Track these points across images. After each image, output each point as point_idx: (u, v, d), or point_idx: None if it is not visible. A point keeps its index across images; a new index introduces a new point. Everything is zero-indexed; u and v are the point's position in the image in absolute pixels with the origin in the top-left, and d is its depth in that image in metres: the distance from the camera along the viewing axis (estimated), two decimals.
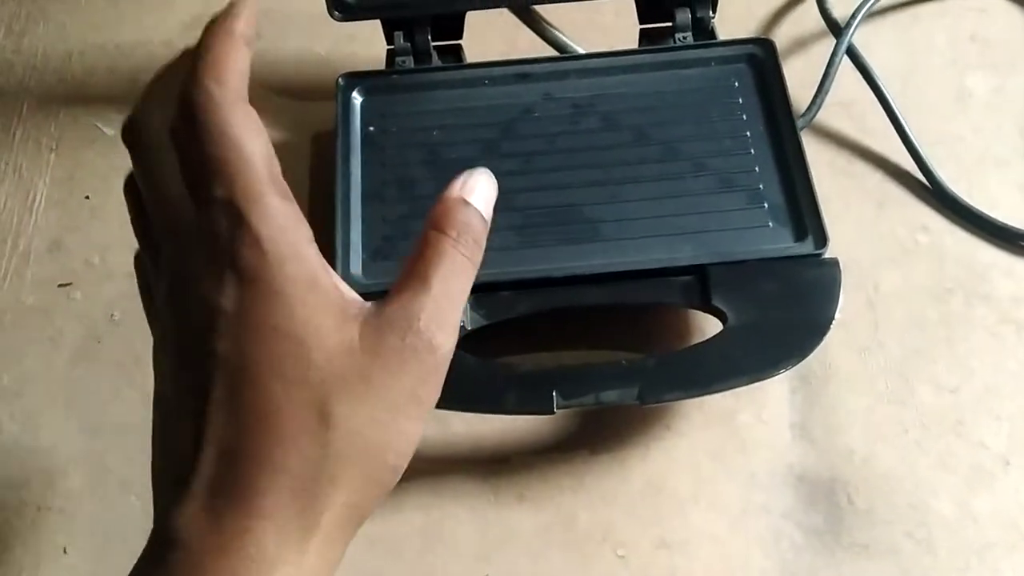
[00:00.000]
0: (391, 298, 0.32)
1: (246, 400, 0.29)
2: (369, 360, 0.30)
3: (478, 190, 0.34)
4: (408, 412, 0.31)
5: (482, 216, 0.34)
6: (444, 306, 0.32)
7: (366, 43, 0.55)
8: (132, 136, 0.33)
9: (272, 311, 0.30)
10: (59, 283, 0.52)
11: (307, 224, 0.31)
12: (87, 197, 0.55)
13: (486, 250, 0.46)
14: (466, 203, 0.34)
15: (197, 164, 0.30)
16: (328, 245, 0.47)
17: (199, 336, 0.30)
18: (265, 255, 0.29)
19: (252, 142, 0.30)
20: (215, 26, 0.31)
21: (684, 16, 0.54)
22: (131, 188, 0.34)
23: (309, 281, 0.30)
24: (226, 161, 0.29)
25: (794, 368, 0.44)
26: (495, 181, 0.35)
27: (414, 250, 0.33)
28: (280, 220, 0.30)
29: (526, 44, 0.56)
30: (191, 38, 0.64)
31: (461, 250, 0.33)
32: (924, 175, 0.54)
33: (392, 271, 0.47)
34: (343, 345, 0.30)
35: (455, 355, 0.43)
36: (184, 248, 0.31)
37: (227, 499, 0.29)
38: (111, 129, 0.58)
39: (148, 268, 0.35)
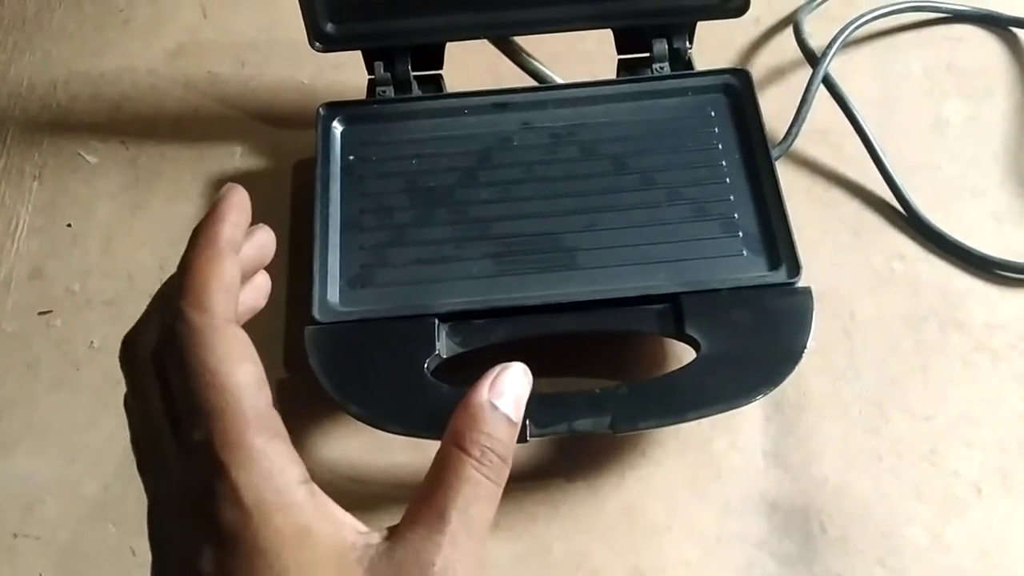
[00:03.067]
0: (403, 535, 0.28)
1: None
2: None
3: (508, 390, 0.31)
4: None
5: (511, 422, 0.31)
6: (463, 545, 0.28)
7: (350, 71, 0.56)
8: (124, 358, 0.31)
9: (258, 575, 0.26)
10: (39, 311, 0.52)
11: (298, 463, 0.28)
12: (69, 225, 0.55)
13: (463, 279, 0.48)
14: (494, 408, 0.30)
15: (178, 400, 0.28)
16: (306, 272, 0.47)
17: None
18: (246, 509, 0.26)
19: (235, 375, 0.27)
20: (198, 236, 0.30)
21: (661, 47, 0.54)
22: (127, 405, 0.32)
23: (300, 533, 0.27)
24: (205, 399, 0.27)
25: (768, 395, 0.44)
26: (530, 376, 0.32)
27: (431, 469, 0.29)
28: (264, 465, 0.27)
29: (507, 73, 0.56)
30: (176, 67, 0.65)
31: (485, 472, 0.29)
32: (900, 203, 0.54)
33: (370, 299, 0.47)
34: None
35: (429, 384, 0.44)
36: (166, 491, 0.29)
37: None
38: (94, 157, 0.58)
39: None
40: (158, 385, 0.29)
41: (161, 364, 0.29)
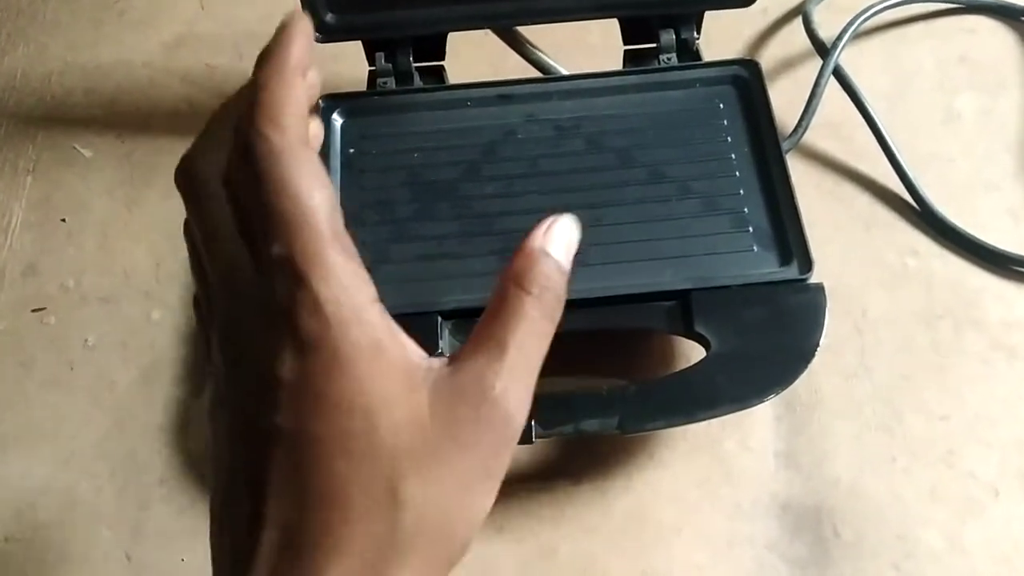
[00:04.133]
0: (464, 361, 0.30)
1: (308, 479, 0.28)
2: (440, 432, 0.28)
3: (559, 239, 0.33)
4: (479, 488, 0.29)
5: (563, 268, 0.32)
6: (521, 373, 0.30)
7: (350, 62, 0.55)
8: (185, 182, 0.31)
9: (335, 381, 0.28)
10: (33, 308, 0.51)
11: (371, 283, 0.29)
12: (63, 220, 0.54)
13: (467, 275, 0.47)
14: (547, 254, 0.32)
15: (254, 219, 0.28)
16: None
17: (256, 408, 0.28)
18: (326, 320, 0.27)
19: (314, 194, 0.28)
20: (267, 58, 0.29)
21: (668, 37, 0.53)
22: (189, 231, 0.32)
23: (374, 347, 0.28)
24: (285, 216, 0.27)
25: (779, 395, 0.43)
26: (579, 226, 0.33)
27: (491, 304, 0.31)
28: (343, 280, 0.28)
29: (510, 65, 0.55)
30: (173, 59, 0.64)
31: (541, 309, 0.31)
32: (913, 197, 0.53)
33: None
34: (412, 416, 0.28)
35: None
36: (241, 308, 0.29)
37: None
38: (89, 151, 0.57)
39: (205, 316, 0.32)
40: (231, 208, 0.29)
41: (234, 189, 0.29)
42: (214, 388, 0.30)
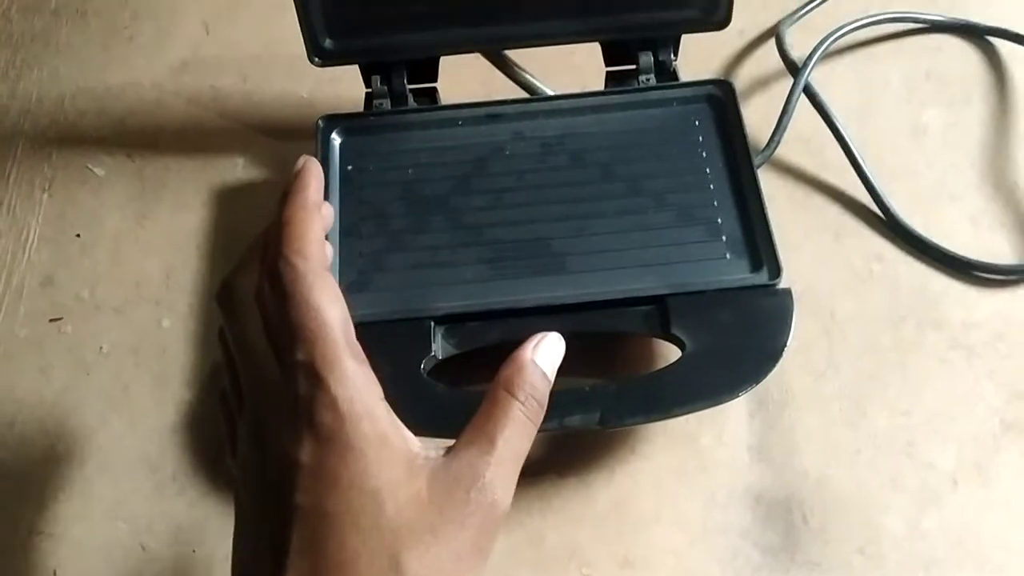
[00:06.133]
0: (459, 453, 0.35)
1: (323, 549, 0.32)
2: (437, 512, 0.33)
3: (546, 353, 0.38)
4: (469, 562, 0.33)
5: (547, 378, 0.38)
6: (507, 466, 0.35)
7: (347, 84, 0.58)
8: (224, 298, 0.37)
9: (348, 466, 0.32)
10: (50, 318, 0.54)
11: (378, 384, 0.34)
12: (78, 235, 0.57)
13: (458, 283, 0.50)
14: (535, 364, 0.37)
15: (282, 329, 0.34)
16: None
17: (279, 489, 0.33)
18: (341, 415, 0.33)
19: (331, 310, 0.34)
20: (291, 199, 0.36)
21: (647, 59, 0.56)
22: (223, 338, 0.39)
23: (381, 439, 0.33)
24: (307, 328, 0.33)
25: (752, 392, 0.46)
26: (563, 344, 0.39)
27: (484, 404, 0.36)
28: (356, 382, 0.33)
29: (499, 85, 0.58)
30: (180, 82, 0.67)
31: (526, 413, 0.36)
32: (879, 207, 0.56)
33: (368, 303, 0.49)
34: (412, 497, 0.33)
35: (426, 383, 0.46)
36: (267, 403, 0.35)
37: None
38: (101, 170, 0.60)
39: (233, 408, 0.38)
40: (259, 318, 0.35)
41: (261, 301, 0.34)
42: (241, 476, 0.36)
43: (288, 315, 0.33)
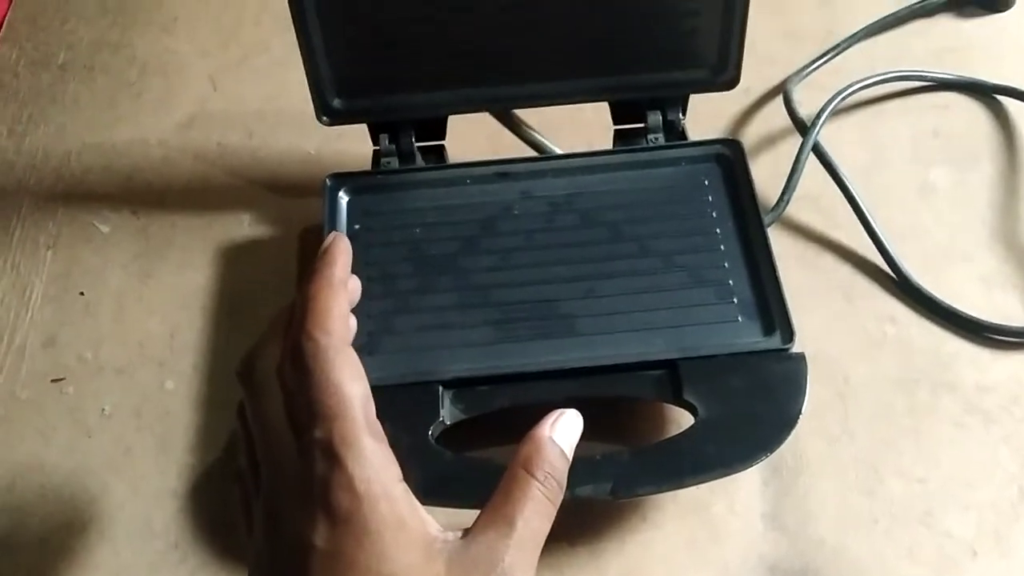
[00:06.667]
0: (477, 535, 0.34)
1: None
2: None
3: (564, 431, 0.37)
4: None
5: (566, 456, 0.37)
6: (527, 548, 0.34)
7: (354, 140, 0.58)
8: (246, 373, 0.37)
9: (364, 550, 0.32)
10: (52, 378, 0.54)
11: (396, 464, 0.34)
12: (82, 293, 0.57)
13: (466, 345, 0.49)
14: (553, 442, 0.36)
15: (302, 405, 0.33)
16: None
17: (293, 573, 0.32)
18: (358, 497, 0.32)
19: (352, 387, 0.33)
20: (317, 275, 0.36)
21: (656, 118, 0.56)
22: (242, 413, 0.38)
23: (399, 521, 0.32)
24: (327, 406, 0.32)
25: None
26: (581, 421, 0.38)
27: (502, 484, 0.35)
28: (374, 462, 0.32)
29: (507, 143, 0.58)
30: (186, 138, 0.67)
31: (545, 493, 0.35)
32: (891, 268, 0.56)
33: (375, 366, 0.48)
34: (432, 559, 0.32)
35: (434, 450, 0.45)
36: (283, 482, 0.34)
37: None
38: (107, 227, 0.60)
39: (249, 487, 0.37)
40: (280, 396, 0.34)
41: (283, 380, 0.34)
42: (255, 554, 0.35)
43: (308, 392, 0.33)
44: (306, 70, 0.52)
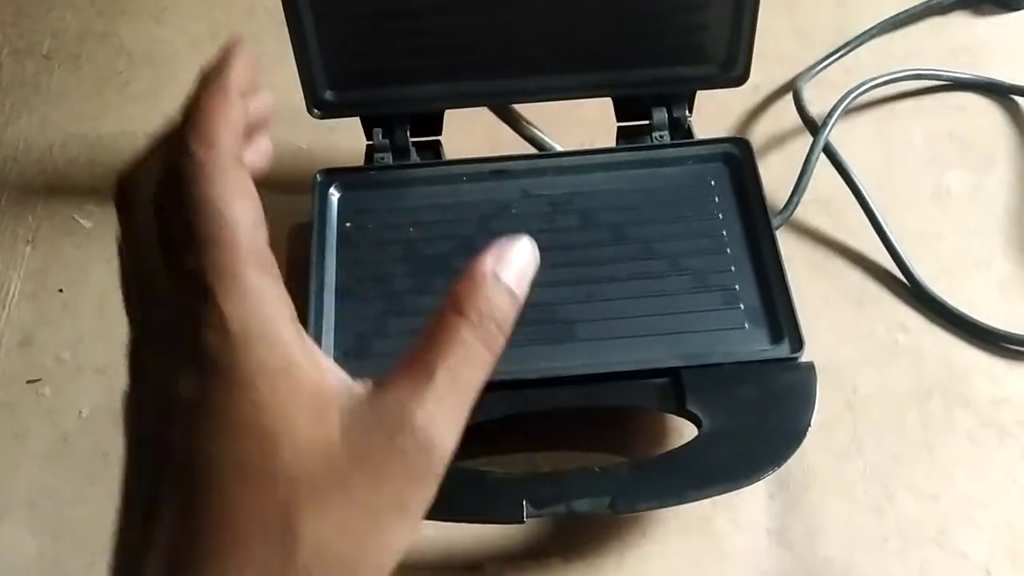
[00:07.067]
0: (388, 387, 0.28)
1: (201, 503, 0.26)
2: (349, 461, 0.27)
3: (513, 263, 0.30)
4: (390, 523, 0.27)
5: (513, 296, 0.30)
6: (449, 402, 0.28)
7: (348, 135, 0.55)
8: (119, 197, 0.30)
9: (235, 402, 0.26)
10: (28, 379, 0.51)
11: (289, 301, 0.27)
12: (61, 290, 0.55)
13: None
14: (496, 279, 0.29)
15: (174, 233, 0.27)
16: None
17: (154, 426, 0.27)
18: (230, 337, 0.26)
19: (235, 209, 0.27)
20: (206, 79, 0.29)
21: (661, 115, 0.54)
22: (120, 249, 0.31)
23: (281, 367, 0.27)
24: (203, 231, 0.27)
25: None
26: (537, 252, 0.31)
27: (424, 331, 0.29)
28: (253, 297, 0.27)
29: (506, 139, 0.56)
30: None
31: (480, 337, 0.29)
32: (903, 273, 0.54)
33: (366, 371, 0.46)
34: (319, 442, 0.27)
35: None
36: (150, 326, 0.28)
37: None
38: (89, 222, 0.58)
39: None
40: (155, 225, 0.28)
41: (160, 205, 0.28)
42: (123, 412, 0.29)
43: (181, 216, 0.27)
44: (297, 60, 0.50)
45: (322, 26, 0.50)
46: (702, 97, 0.55)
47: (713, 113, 0.58)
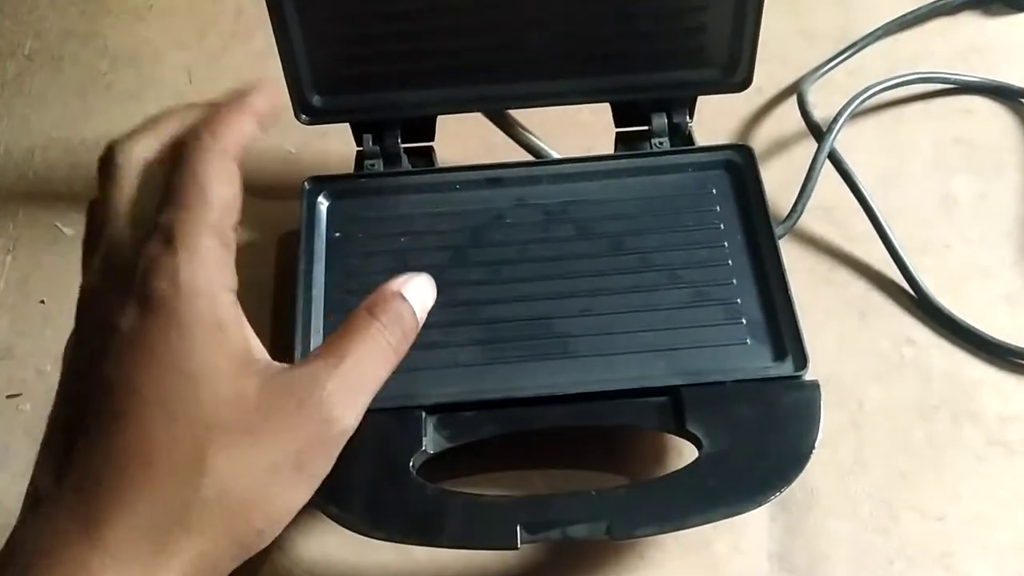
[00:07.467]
0: (302, 364, 0.32)
1: (121, 430, 0.29)
2: (259, 416, 0.30)
3: (417, 290, 0.36)
4: (286, 477, 0.31)
5: (415, 314, 0.35)
6: (353, 384, 0.32)
7: (338, 140, 0.54)
8: (106, 158, 0.34)
9: (169, 343, 0.30)
10: (7, 394, 0.50)
11: (235, 276, 0.32)
12: (42, 301, 0.53)
13: (450, 367, 0.45)
14: (403, 298, 0.35)
15: (159, 193, 0.32)
16: (288, 354, 0.45)
17: (91, 355, 0.31)
18: (177, 287, 0.30)
19: (217, 188, 0.32)
20: (233, 93, 0.35)
21: (660, 121, 0.52)
22: (91, 212, 0.35)
23: (216, 324, 0.31)
24: (183, 195, 0.31)
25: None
26: (435, 289, 0.37)
27: (340, 325, 0.34)
28: (207, 260, 0.31)
29: (501, 146, 0.54)
30: None
31: (386, 335, 0.34)
32: (909, 284, 0.52)
33: None
34: (236, 394, 0.30)
35: (415, 483, 0.42)
36: (110, 264, 0.32)
37: (75, 527, 0.28)
38: (71, 229, 0.56)
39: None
40: (138, 182, 0.33)
41: (152, 165, 0.33)
42: (67, 345, 0.33)
43: (171, 178, 0.32)
44: (283, 63, 0.49)
45: (309, 28, 0.48)
46: (703, 101, 0.53)
47: (715, 116, 0.57)
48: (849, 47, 0.61)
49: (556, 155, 0.54)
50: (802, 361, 0.44)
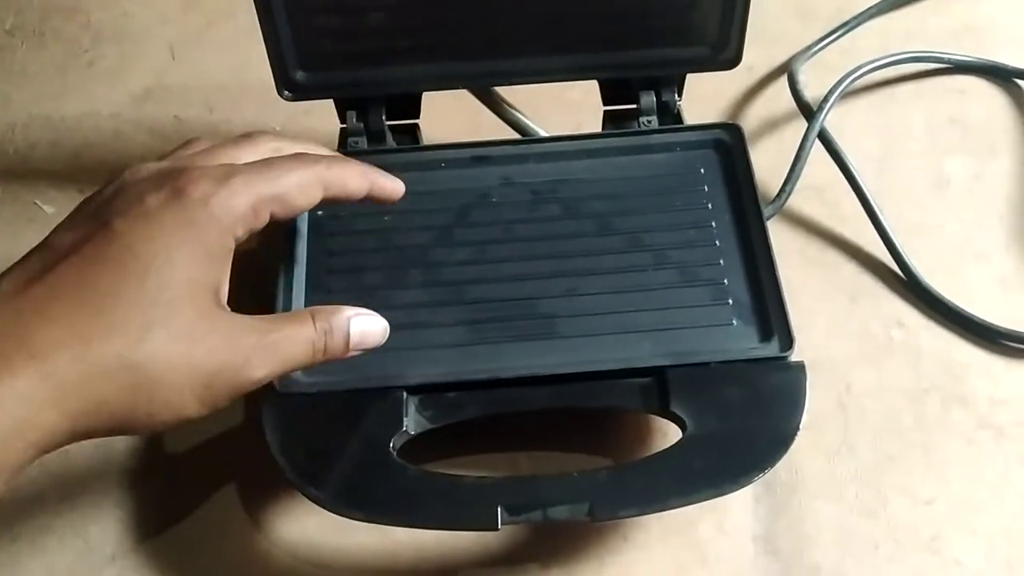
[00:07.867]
0: (246, 316, 0.37)
1: (102, 271, 0.33)
2: (204, 329, 0.35)
3: (364, 326, 0.39)
4: (193, 387, 0.34)
5: (348, 343, 0.39)
6: (275, 355, 0.36)
7: (323, 117, 0.53)
8: (252, 132, 0.42)
9: (174, 234, 0.34)
10: None
11: (243, 239, 0.38)
12: None
13: (434, 347, 0.45)
14: (348, 323, 0.39)
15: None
16: None
17: (110, 206, 0.35)
18: (209, 208, 0.35)
19: (292, 188, 0.38)
20: (342, 159, 0.43)
21: (649, 99, 0.52)
22: (191, 142, 0.41)
23: (213, 249, 0.36)
24: (270, 169, 0.38)
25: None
26: (385, 337, 0.40)
27: (282, 316, 0.40)
28: (239, 210, 0.36)
29: (487, 124, 0.53)
30: (141, 111, 0.62)
31: (314, 339, 0.37)
32: (899, 267, 0.52)
33: (335, 369, 0.43)
34: (200, 303, 0.35)
35: (396, 465, 0.41)
36: (172, 168, 0.37)
37: (18, 330, 0.32)
38: (51, 207, 0.55)
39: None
40: (250, 157, 0.39)
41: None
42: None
43: (277, 154, 0.40)
44: (265, 39, 0.48)
45: (292, 3, 0.47)
46: (692, 78, 0.52)
47: (703, 96, 0.56)
48: (841, 26, 0.61)
49: (543, 133, 0.53)
50: (788, 342, 0.43)
